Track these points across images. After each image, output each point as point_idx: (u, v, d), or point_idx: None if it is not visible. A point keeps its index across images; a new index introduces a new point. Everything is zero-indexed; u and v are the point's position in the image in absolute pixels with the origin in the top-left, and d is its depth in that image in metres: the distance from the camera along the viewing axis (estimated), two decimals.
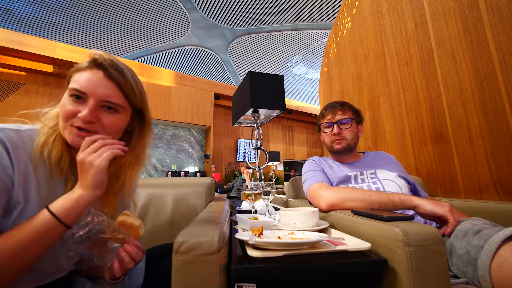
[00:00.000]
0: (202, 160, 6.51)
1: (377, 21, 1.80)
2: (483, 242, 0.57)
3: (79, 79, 0.53)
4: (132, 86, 0.59)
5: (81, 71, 0.55)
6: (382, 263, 0.52)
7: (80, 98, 0.53)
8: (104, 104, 0.54)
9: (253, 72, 1.01)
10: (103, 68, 0.55)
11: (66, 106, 0.53)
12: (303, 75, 7.92)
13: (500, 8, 1.01)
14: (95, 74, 0.54)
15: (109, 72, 0.55)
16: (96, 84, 0.53)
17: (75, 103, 0.53)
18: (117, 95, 0.56)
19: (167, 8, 5.25)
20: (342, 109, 1.07)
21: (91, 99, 0.53)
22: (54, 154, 0.53)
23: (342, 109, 1.07)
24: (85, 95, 0.53)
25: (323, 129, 1.11)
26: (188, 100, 6.09)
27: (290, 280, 0.52)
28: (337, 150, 1.06)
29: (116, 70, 0.56)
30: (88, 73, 0.54)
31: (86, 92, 0.53)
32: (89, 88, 0.53)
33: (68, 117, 0.53)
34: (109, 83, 0.55)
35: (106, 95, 0.54)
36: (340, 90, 2.48)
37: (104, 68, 0.55)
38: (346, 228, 0.72)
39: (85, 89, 0.53)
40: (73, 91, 0.53)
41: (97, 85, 0.53)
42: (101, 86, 0.54)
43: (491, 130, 1.05)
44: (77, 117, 0.52)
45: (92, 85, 0.53)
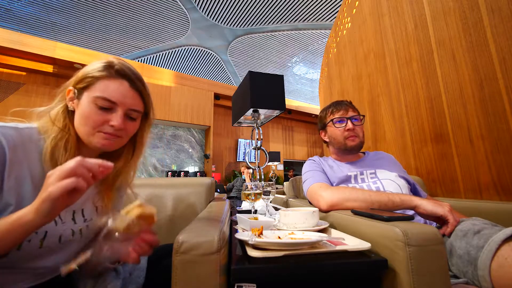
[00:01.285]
0: (202, 160, 6.51)
1: (377, 21, 1.80)
2: (483, 242, 0.57)
3: (107, 89, 0.55)
4: (149, 93, 0.63)
5: (104, 79, 0.56)
6: (382, 263, 0.52)
7: (107, 108, 0.55)
8: (129, 113, 0.58)
9: (253, 72, 1.01)
10: (128, 78, 0.58)
11: (94, 115, 0.54)
12: (303, 75, 7.91)
13: (500, 8, 1.01)
14: (121, 84, 0.57)
15: (134, 83, 0.58)
16: (124, 94, 0.57)
17: (103, 111, 0.55)
18: (140, 105, 0.60)
19: (167, 8, 5.25)
20: (351, 106, 1.09)
21: (120, 108, 0.56)
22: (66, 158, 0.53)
23: (352, 107, 1.09)
24: (115, 105, 0.56)
25: (335, 124, 1.08)
26: (188, 100, 6.09)
27: (290, 280, 0.52)
28: (351, 147, 1.05)
29: (138, 80, 0.59)
30: (115, 83, 0.56)
31: (117, 102, 0.56)
32: (120, 99, 0.56)
33: (98, 125, 0.54)
34: (135, 94, 0.59)
35: (133, 104, 0.58)
36: (340, 90, 2.48)
37: (129, 79, 0.58)
38: (346, 228, 0.72)
39: (116, 99, 0.55)
40: (103, 101, 0.54)
41: (125, 96, 0.57)
42: (129, 97, 0.57)
43: (491, 130, 1.05)
44: (107, 125, 0.55)
45: (121, 96, 0.56)
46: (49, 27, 5.28)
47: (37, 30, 5.26)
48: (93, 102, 0.54)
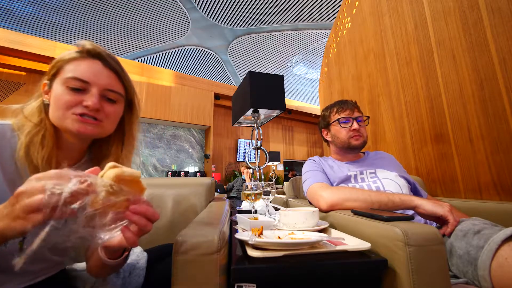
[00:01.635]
0: (202, 160, 6.51)
1: (377, 21, 1.80)
2: (483, 242, 0.57)
3: (77, 69, 0.50)
4: (129, 78, 0.59)
5: (74, 61, 0.51)
6: (382, 263, 0.52)
7: (80, 89, 0.50)
8: (105, 94, 0.53)
9: (253, 72, 1.01)
10: (100, 57, 0.53)
11: (65, 96, 0.49)
12: (303, 75, 7.91)
13: (500, 8, 1.01)
14: (93, 63, 0.52)
15: (107, 62, 0.53)
16: (97, 73, 0.52)
17: (75, 92, 0.50)
18: (118, 85, 0.55)
19: (167, 8, 5.25)
20: (357, 107, 1.09)
21: (94, 88, 0.51)
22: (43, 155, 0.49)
23: (357, 107, 1.10)
24: (87, 85, 0.50)
25: (340, 124, 1.07)
26: (188, 100, 6.09)
27: (290, 280, 0.52)
28: (355, 145, 1.05)
29: (113, 60, 0.55)
30: (86, 63, 0.52)
31: (89, 81, 0.51)
32: (92, 77, 0.51)
33: (70, 106, 0.49)
34: (110, 73, 0.54)
35: (108, 84, 0.53)
36: (340, 90, 2.48)
37: (101, 58, 0.53)
38: (346, 228, 0.72)
39: (88, 78, 0.50)
40: (74, 81, 0.49)
41: (99, 74, 0.52)
42: (103, 75, 0.52)
43: (491, 130, 1.05)
44: (80, 106, 0.50)
45: (94, 74, 0.51)
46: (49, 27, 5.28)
47: (37, 30, 5.26)
48: (63, 85, 0.50)
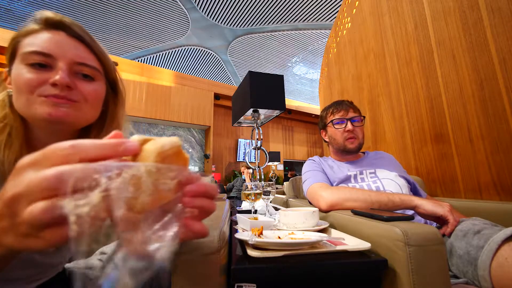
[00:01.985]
0: (202, 160, 6.51)
1: (377, 21, 1.80)
2: (483, 242, 0.57)
3: (36, 42, 0.41)
4: (102, 48, 0.48)
5: (32, 34, 0.42)
6: (382, 263, 0.52)
7: (44, 65, 0.40)
8: (78, 69, 0.43)
9: (253, 72, 1.01)
10: (64, 27, 0.43)
11: (25, 75, 0.39)
12: (303, 75, 7.91)
13: (500, 8, 1.01)
14: (55, 34, 0.42)
15: (73, 31, 0.44)
16: (62, 44, 0.42)
17: (37, 70, 0.40)
18: (90, 57, 0.45)
19: (167, 8, 5.25)
20: (352, 107, 1.08)
21: (60, 62, 0.41)
22: (10, 156, 0.40)
23: (353, 107, 1.08)
24: (51, 59, 0.41)
25: (334, 125, 1.08)
26: (188, 100, 6.09)
27: (290, 280, 0.52)
28: (350, 149, 1.06)
29: (79, 28, 0.45)
30: (46, 34, 0.42)
31: (52, 53, 0.40)
32: (55, 50, 0.41)
33: (33, 86, 0.39)
34: (77, 43, 0.44)
35: (78, 56, 0.43)
36: (340, 90, 2.48)
37: (65, 27, 0.43)
38: (346, 228, 0.72)
39: (50, 50, 0.40)
40: (33, 55, 0.40)
41: (64, 45, 0.42)
42: (69, 46, 0.42)
43: (491, 130, 1.05)
44: (48, 86, 0.40)
45: (57, 46, 0.41)
46: None
47: None
48: (22, 63, 0.40)
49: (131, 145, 0.23)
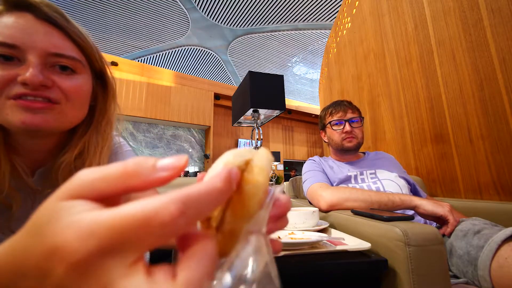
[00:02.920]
0: (202, 160, 6.51)
1: (377, 21, 1.80)
2: (483, 242, 0.57)
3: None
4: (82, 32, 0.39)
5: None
6: (382, 263, 0.52)
7: (10, 58, 0.32)
8: (53, 61, 0.35)
9: (253, 72, 1.01)
10: (29, 7, 0.34)
11: None
12: (303, 75, 7.91)
13: (500, 9, 1.01)
14: (20, 17, 0.33)
15: (43, 12, 0.34)
16: (28, 29, 0.33)
17: (2, 66, 0.32)
18: (67, 45, 0.36)
19: (167, 8, 5.25)
20: (351, 107, 1.08)
21: (30, 55, 0.33)
22: None
23: (351, 107, 1.08)
24: (17, 50, 0.32)
25: (332, 126, 1.08)
26: (188, 100, 6.09)
27: (290, 280, 0.52)
28: (348, 148, 1.05)
29: (51, 8, 0.35)
30: (8, 18, 0.33)
31: (18, 44, 0.32)
32: (20, 38, 0.32)
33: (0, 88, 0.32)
34: (49, 28, 0.35)
35: (51, 45, 0.34)
36: (340, 90, 2.48)
37: (32, 8, 0.34)
38: (346, 228, 0.72)
39: (14, 39, 0.32)
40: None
41: (31, 31, 0.33)
42: (39, 33, 0.34)
43: (491, 130, 1.05)
44: (17, 85, 0.32)
45: (22, 32, 0.33)
46: None
47: None
48: None
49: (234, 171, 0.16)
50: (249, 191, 0.17)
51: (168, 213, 0.11)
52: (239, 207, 0.17)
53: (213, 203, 0.13)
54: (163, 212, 0.11)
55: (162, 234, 0.11)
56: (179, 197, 0.12)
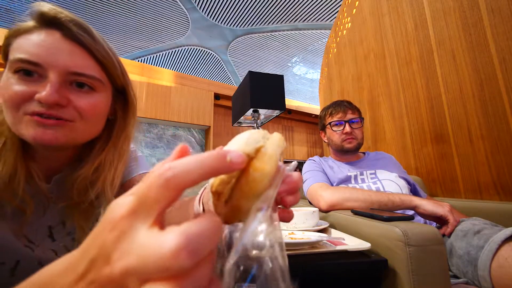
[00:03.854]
0: None
1: (377, 21, 1.80)
2: (483, 242, 0.57)
3: (23, 46, 0.34)
4: (107, 50, 0.40)
5: (24, 34, 0.35)
6: (382, 263, 0.52)
7: (32, 74, 0.34)
8: (72, 79, 0.37)
9: (253, 72, 1.01)
10: (59, 26, 0.36)
11: (12, 87, 0.34)
12: (303, 75, 7.91)
13: (500, 8, 1.01)
14: (48, 35, 0.35)
15: (70, 31, 0.36)
16: (53, 49, 0.35)
17: (25, 81, 0.34)
18: (89, 64, 0.38)
19: (167, 8, 5.25)
20: (351, 108, 1.08)
21: (51, 73, 0.35)
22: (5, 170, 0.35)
23: (351, 108, 1.08)
24: (40, 68, 0.34)
25: (332, 127, 1.08)
26: (188, 100, 6.09)
27: (290, 280, 0.52)
28: (348, 149, 1.05)
29: (80, 27, 0.37)
30: (37, 35, 0.35)
31: (41, 62, 0.34)
32: (45, 57, 0.34)
33: (17, 103, 0.34)
34: (74, 47, 0.37)
35: (73, 64, 0.36)
36: (340, 90, 2.48)
37: (61, 26, 0.36)
38: (346, 228, 0.72)
39: (38, 57, 0.34)
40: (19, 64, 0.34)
41: (56, 51, 0.35)
42: (63, 52, 0.35)
43: (491, 130, 1.05)
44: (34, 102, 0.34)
45: (47, 52, 0.35)
46: None
47: None
48: (9, 71, 0.35)
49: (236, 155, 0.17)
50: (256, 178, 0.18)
51: (158, 176, 0.14)
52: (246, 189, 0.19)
53: (201, 169, 0.15)
54: (155, 178, 0.14)
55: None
56: (167, 166, 0.15)
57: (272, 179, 0.19)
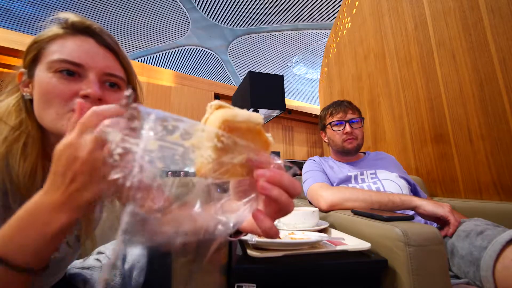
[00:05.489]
0: None
1: (377, 21, 1.80)
2: (486, 243, 0.56)
3: (64, 49, 0.39)
4: (126, 56, 0.47)
5: (59, 39, 0.40)
6: (382, 263, 0.52)
7: (73, 74, 0.39)
8: (106, 79, 0.42)
9: (253, 72, 1.01)
10: (92, 33, 0.42)
11: (56, 86, 0.38)
12: (303, 75, 7.91)
13: (500, 9, 1.01)
14: (84, 41, 0.41)
15: (103, 39, 0.43)
16: (92, 53, 0.41)
17: (68, 80, 0.38)
18: (118, 67, 0.44)
19: (167, 8, 5.25)
20: (351, 108, 1.08)
21: (91, 73, 0.40)
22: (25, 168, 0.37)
23: (352, 108, 1.08)
24: (81, 69, 0.39)
25: (333, 127, 1.08)
26: (188, 100, 6.09)
27: (290, 280, 0.52)
28: (349, 150, 1.05)
29: (108, 36, 0.44)
30: (75, 41, 0.41)
31: (83, 63, 0.39)
32: (86, 59, 0.40)
33: (65, 99, 0.38)
34: (106, 52, 0.43)
35: (107, 66, 0.42)
36: (340, 90, 2.48)
37: (94, 34, 0.42)
38: (346, 228, 0.72)
39: (80, 59, 0.39)
40: (63, 64, 0.38)
41: (94, 55, 0.41)
42: (99, 56, 0.42)
43: (491, 130, 1.05)
44: (77, 99, 0.38)
45: (88, 55, 0.40)
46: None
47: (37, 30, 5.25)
48: (48, 71, 0.38)
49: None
50: (210, 119, 0.24)
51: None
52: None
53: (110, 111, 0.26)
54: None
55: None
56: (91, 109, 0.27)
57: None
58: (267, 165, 0.25)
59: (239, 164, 0.23)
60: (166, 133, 0.20)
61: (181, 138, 0.21)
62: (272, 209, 0.27)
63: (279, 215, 0.27)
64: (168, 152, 0.20)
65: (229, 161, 0.22)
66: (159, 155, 0.20)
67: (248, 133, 0.24)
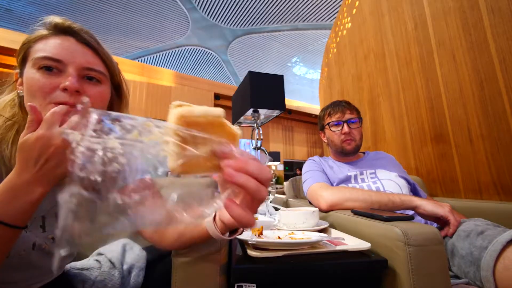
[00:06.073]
0: None
1: (377, 21, 1.80)
2: (487, 243, 0.56)
3: (46, 47, 0.44)
4: (107, 52, 0.51)
5: (42, 39, 0.45)
6: (382, 263, 0.52)
7: (53, 69, 0.43)
8: (85, 73, 0.46)
9: (253, 72, 1.01)
10: (72, 33, 0.46)
11: (38, 80, 0.42)
12: (303, 75, 7.91)
13: (500, 8, 1.01)
14: (65, 40, 0.45)
15: (82, 37, 0.46)
16: (71, 50, 0.45)
17: (49, 75, 0.43)
18: (97, 62, 0.48)
19: (167, 8, 5.25)
20: (349, 108, 1.08)
21: (70, 68, 0.44)
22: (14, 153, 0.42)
23: (350, 108, 1.08)
24: (61, 64, 0.43)
25: (331, 127, 1.09)
26: (188, 100, 6.00)
27: (290, 280, 0.52)
28: (348, 151, 1.06)
29: (87, 34, 0.48)
30: (56, 40, 0.45)
31: (62, 59, 0.43)
32: (65, 55, 0.44)
33: (46, 92, 0.42)
34: (85, 49, 0.47)
35: (86, 61, 0.46)
36: (340, 90, 2.48)
37: (74, 33, 0.46)
38: (346, 228, 0.72)
39: (60, 56, 0.43)
40: (44, 61, 0.42)
41: (73, 51, 0.45)
42: (78, 52, 0.45)
43: (491, 130, 1.05)
44: (58, 92, 0.42)
45: (67, 51, 0.44)
46: None
47: None
48: (33, 67, 0.43)
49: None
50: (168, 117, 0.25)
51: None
52: None
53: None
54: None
55: None
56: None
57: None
58: (231, 155, 0.25)
59: (207, 158, 0.24)
60: (125, 132, 0.22)
61: (140, 135, 0.22)
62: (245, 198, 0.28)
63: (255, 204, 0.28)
64: (128, 148, 0.22)
65: (192, 154, 0.23)
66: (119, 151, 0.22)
67: (209, 127, 0.25)
